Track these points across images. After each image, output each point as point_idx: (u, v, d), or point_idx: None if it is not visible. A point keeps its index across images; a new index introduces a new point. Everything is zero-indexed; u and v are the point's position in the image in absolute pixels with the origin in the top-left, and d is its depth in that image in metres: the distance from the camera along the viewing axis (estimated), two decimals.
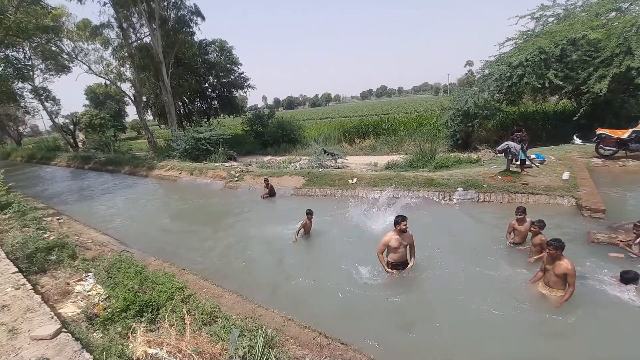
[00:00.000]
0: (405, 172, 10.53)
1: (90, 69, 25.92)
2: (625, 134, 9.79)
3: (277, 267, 6.26)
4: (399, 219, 5.16)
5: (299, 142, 20.79)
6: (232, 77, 27.45)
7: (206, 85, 27.53)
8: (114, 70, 26.66)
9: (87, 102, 52.40)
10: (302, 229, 7.12)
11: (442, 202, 8.74)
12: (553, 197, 7.88)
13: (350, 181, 10.47)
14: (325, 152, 14.40)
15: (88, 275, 5.31)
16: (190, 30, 22.97)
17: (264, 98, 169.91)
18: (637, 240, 5.16)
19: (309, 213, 7.11)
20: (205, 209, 10.92)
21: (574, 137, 12.11)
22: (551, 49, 11.64)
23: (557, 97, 15.42)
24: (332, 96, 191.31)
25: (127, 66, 24.98)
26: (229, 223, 9.20)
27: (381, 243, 5.25)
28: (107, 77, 26.85)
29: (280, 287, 5.52)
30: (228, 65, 26.73)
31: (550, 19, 13.96)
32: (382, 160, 13.31)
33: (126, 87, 27.56)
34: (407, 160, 12.02)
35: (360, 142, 19.18)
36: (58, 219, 9.27)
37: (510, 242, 6.01)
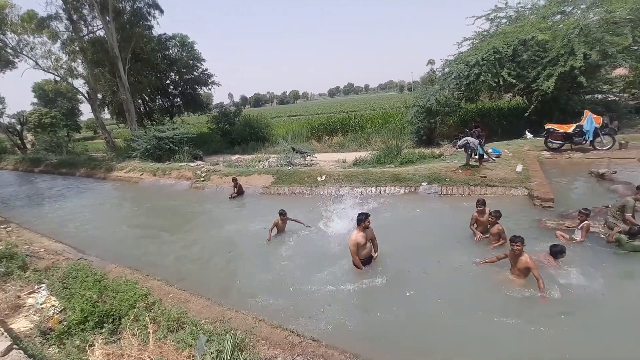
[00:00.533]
0: (372, 168, 10.76)
1: (37, 64, 23.78)
2: (570, 128, 10.66)
3: (248, 267, 6.18)
4: (363, 217, 5.26)
5: (267, 140, 20.56)
6: (195, 73, 26.50)
7: (168, 81, 26.41)
8: (64, 66, 24.65)
9: (35, 100, 48.22)
10: (275, 228, 7.12)
11: (408, 197, 9.03)
12: (508, 188, 8.43)
13: (319, 178, 10.52)
14: (294, 149, 14.34)
15: (41, 287, 4.99)
16: (148, 23, 21.83)
17: (230, 95, 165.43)
18: (580, 226, 5.65)
19: (282, 213, 7.11)
20: (171, 210, 10.51)
21: (526, 132, 12.99)
22: (504, 49, 12.38)
23: (511, 94, 16.44)
24: (300, 94, 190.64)
25: (79, 61, 23.26)
26: (196, 224, 8.93)
27: (352, 244, 5.27)
28: (56, 73, 24.80)
29: (250, 288, 5.43)
30: (190, 61, 25.77)
31: (503, 21, 14.83)
32: (351, 156, 13.50)
33: (79, 83, 25.75)
34: (374, 156, 12.29)
35: (328, 139, 19.33)
36: (6, 228, 8.61)
37: (476, 234, 6.30)
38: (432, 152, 12.52)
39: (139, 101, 26.01)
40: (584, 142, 10.59)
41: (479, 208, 6.17)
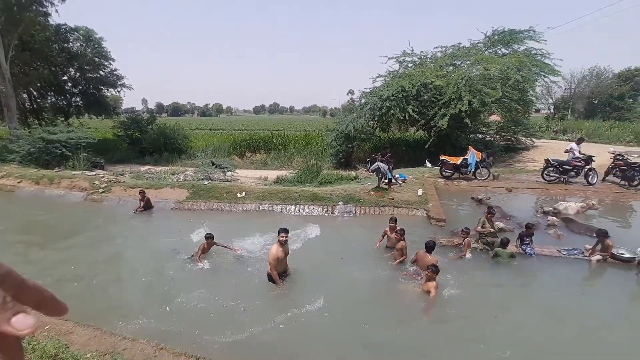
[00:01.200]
0: (293, 187, 10.96)
1: None
2: (458, 160, 12.64)
3: (148, 289, 5.58)
4: (281, 231, 5.34)
5: (184, 152, 19.27)
6: (102, 72, 23.67)
7: (65, 77, 22.94)
8: None
9: None
10: (201, 252, 6.40)
11: (326, 215, 9.43)
12: (411, 209, 9.49)
13: (238, 195, 10.24)
14: (213, 164, 13.73)
15: None
16: (44, 10, 18.84)
17: (145, 101, 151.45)
18: (463, 242, 6.71)
19: (209, 237, 6.47)
20: (56, 225, 8.89)
21: (426, 161, 14.95)
22: (410, 88, 14.27)
23: (415, 128, 18.86)
24: (224, 108, 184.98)
25: None
26: (88, 242, 7.68)
27: (272, 258, 5.27)
28: None
29: (152, 312, 4.91)
30: (96, 59, 22.97)
31: (410, 64, 17.18)
32: (272, 174, 13.54)
33: None
34: (295, 175, 12.58)
35: (251, 156, 19.10)
36: None
37: (378, 246, 6.98)
38: (349, 174, 13.38)
39: (25, 96, 21.90)
40: (468, 172, 12.63)
41: (391, 224, 6.87)
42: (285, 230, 5.38)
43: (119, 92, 25.51)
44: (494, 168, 13.65)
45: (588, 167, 11.30)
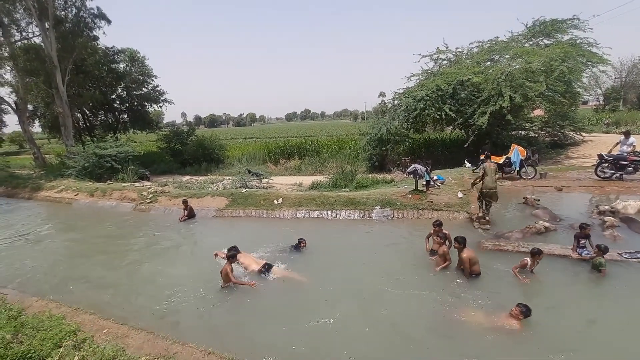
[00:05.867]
0: (328, 192, 10.93)
1: None
2: (501, 159, 11.95)
3: (198, 297, 5.74)
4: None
5: (221, 161, 20.02)
6: (145, 89, 25.32)
7: (113, 96, 24.80)
8: None
9: None
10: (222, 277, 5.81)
11: (363, 220, 9.27)
12: (452, 212, 9.08)
13: (275, 201, 10.39)
14: (249, 172, 14.10)
15: None
16: (93, 34, 20.59)
17: (184, 115, 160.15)
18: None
19: (231, 256, 5.91)
20: (110, 234, 9.54)
21: (465, 161, 14.28)
22: (445, 87, 13.75)
23: (452, 127, 18.12)
24: (257, 116, 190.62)
25: (8, 68, 20.96)
26: (139, 249, 8.17)
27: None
28: None
29: (199, 318, 5.05)
30: (140, 77, 24.63)
31: (445, 62, 16.58)
32: (307, 180, 13.61)
33: (5, 92, 23.06)
34: (330, 180, 12.55)
35: (285, 162, 19.37)
36: None
37: (427, 248, 6.73)
38: (384, 177, 13.12)
39: (78, 115, 23.99)
40: (512, 171, 11.91)
41: (435, 228, 6.60)
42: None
43: (161, 107, 27.17)
44: (540, 166, 12.74)
45: None
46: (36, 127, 27.06)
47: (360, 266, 6.50)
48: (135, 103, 25.54)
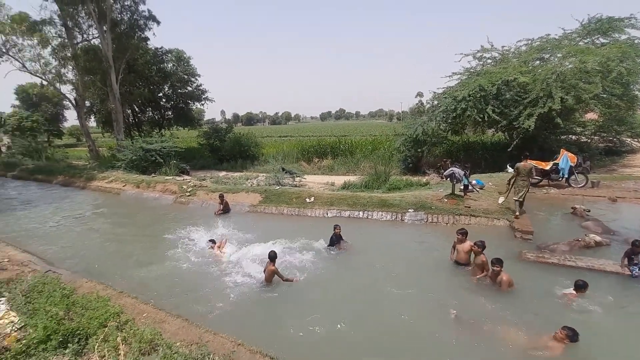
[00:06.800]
0: (360, 193, 10.83)
1: (24, 66, 23.28)
2: (547, 165, 11.14)
3: (229, 289, 5.93)
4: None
5: (256, 158, 20.54)
6: (189, 88, 26.62)
7: (160, 94, 26.35)
8: (53, 71, 24.27)
9: (16, 102, 46.98)
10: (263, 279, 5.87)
11: (395, 222, 9.08)
12: (491, 219, 8.60)
13: (307, 200, 10.48)
14: (283, 170, 14.34)
15: (0, 301, 4.59)
16: (144, 35, 22.02)
17: (223, 112, 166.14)
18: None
19: (272, 257, 5.86)
20: (151, 224, 10.15)
21: (507, 166, 13.45)
22: (489, 87, 13.04)
23: (493, 130, 17.17)
24: (292, 115, 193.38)
25: (70, 67, 23.00)
26: (178, 240, 8.58)
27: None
28: (44, 77, 24.37)
29: (230, 310, 5.22)
30: (185, 76, 25.93)
31: (489, 61, 15.73)
32: (339, 180, 13.59)
33: (67, 89, 25.24)
34: (363, 181, 12.41)
35: (318, 161, 19.46)
36: None
37: (451, 258, 6.45)
38: (418, 180, 12.74)
39: (129, 111, 25.77)
40: (560, 179, 11.05)
41: (458, 236, 6.32)
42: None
43: (202, 105, 28.46)
44: (592, 174, 11.72)
45: None
46: (92, 122, 29.39)
47: (391, 269, 6.37)
48: (180, 101, 26.93)
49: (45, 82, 25.31)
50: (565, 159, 10.76)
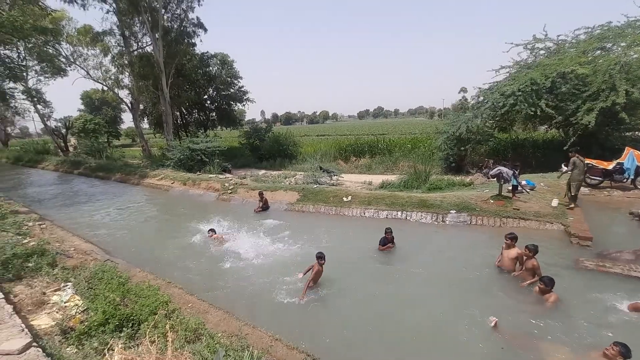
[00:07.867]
0: (399, 192, 10.57)
1: (88, 74, 25.99)
2: (610, 165, 10.08)
3: (270, 284, 6.09)
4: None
5: (295, 157, 20.86)
6: (232, 90, 27.71)
7: (205, 97, 27.72)
8: (112, 77, 26.74)
9: (82, 107, 52.14)
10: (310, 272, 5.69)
11: (435, 224, 8.75)
12: (543, 223, 7.97)
13: (345, 199, 10.45)
14: (321, 168, 14.43)
15: (67, 285, 5.09)
16: (192, 42, 23.32)
17: (262, 112, 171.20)
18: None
19: (320, 257, 5.63)
20: (198, 220, 10.71)
21: (562, 165, 12.33)
22: (542, 80, 12.04)
23: (546, 126, 15.84)
24: (330, 114, 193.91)
25: (127, 74, 25.10)
26: (222, 235, 9.00)
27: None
28: (104, 83, 26.88)
29: (268, 306, 5.36)
30: (228, 79, 27.04)
31: (542, 52, 14.51)
32: (377, 179, 13.38)
33: (124, 94, 27.62)
34: (402, 180, 12.10)
35: (355, 160, 19.30)
36: (40, 224, 9.00)
37: (498, 264, 6.10)
38: (461, 180, 12.15)
39: (177, 113, 27.44)
40: (625, 180, 9.97)
41: (507, 241, 5.96)
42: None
43: (244, 105, 29.52)
44: None
45: None
46: (145, 124, 31.80)
47: (431, 272, 6.15)
48: (223, 102, 28.17)
49: (105, 88, 27.93)
50: (631, 157, 9.69)
